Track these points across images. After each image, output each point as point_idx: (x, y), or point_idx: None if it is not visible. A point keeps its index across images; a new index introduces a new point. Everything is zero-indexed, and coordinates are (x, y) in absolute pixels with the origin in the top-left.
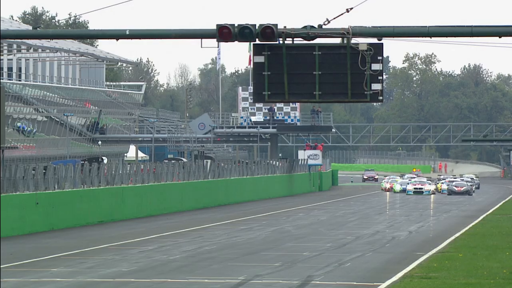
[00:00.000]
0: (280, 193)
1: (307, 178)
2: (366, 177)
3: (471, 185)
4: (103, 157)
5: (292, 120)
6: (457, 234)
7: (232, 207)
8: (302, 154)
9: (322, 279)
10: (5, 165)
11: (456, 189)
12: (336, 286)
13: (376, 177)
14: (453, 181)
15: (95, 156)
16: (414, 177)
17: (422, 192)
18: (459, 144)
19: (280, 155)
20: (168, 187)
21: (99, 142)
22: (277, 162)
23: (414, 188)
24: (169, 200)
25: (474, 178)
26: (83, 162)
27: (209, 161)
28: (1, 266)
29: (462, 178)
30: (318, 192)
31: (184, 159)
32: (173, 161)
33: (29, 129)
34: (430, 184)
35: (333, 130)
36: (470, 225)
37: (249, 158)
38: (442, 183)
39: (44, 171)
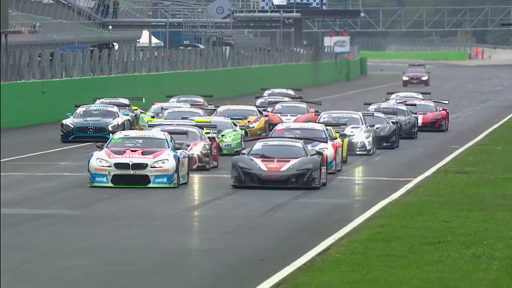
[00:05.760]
0: (305, 83)
1: (333, 67)
2: (407, 78)
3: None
4: (114, 43)
5: (317, 4)
6: (495, 126)
7: (253, 97)
8: (328, 41)
9: (349, 174)
10: (8, 51)
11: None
12: (365, 181)
13: (424, 77)
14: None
15: (105, 42)
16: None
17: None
18: (497, 29)
19: (304, 42)
20: (184, 75)
21: (110, 27)
22: (302, 50)
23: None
24: (185, 90)
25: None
26: (92, 48)
27: (228, 48)
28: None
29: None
30: (346, 81)
31: (201, 46)
32: (189, 48)
33: None
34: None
35: (362, 14)
36: (510, 116)
37: (272, 45)
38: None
39: (50, 57)
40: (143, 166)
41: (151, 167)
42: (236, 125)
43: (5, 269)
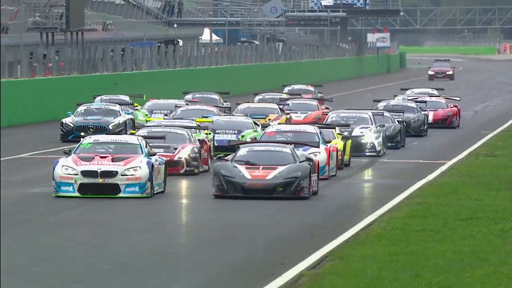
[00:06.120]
0: (349, 75)
1: (375, 60)
2: (432, 73)
3: None
4: (179, 40)
5: (361, 4)
6: None
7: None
8: (370, 37)
9: (390, 157)
10: (84, 47)
11: None
12: (404, 164)
13: (449, 72)
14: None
15: (170, 39)
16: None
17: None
18: None
19: (349, 38)
20: (241, 69)
21: (175, 25)
22: (347, 45)
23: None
24: (242, 82)
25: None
26: (159, 44)
27: (280, 44)
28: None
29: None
30: (386, 73)
31: (257, 42)
32: (246, 44)
33: None
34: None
35: (401, 13)
36: None
37: (320, 41)
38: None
39: (122, 53)
40: (112, 174)
41: (122, 175)
42: (258, 125)
43: (80, 242)
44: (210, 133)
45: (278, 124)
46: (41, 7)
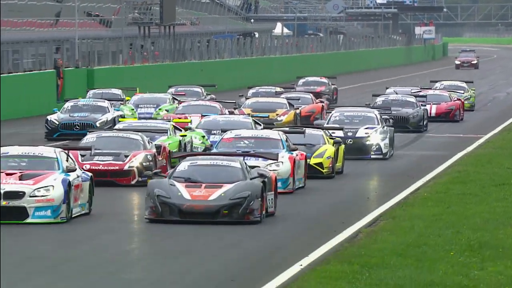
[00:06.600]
0: (399, 62)
1: (422, 50)
2: (459, 62)
3: None
4: (255, 32)
5: (410, 2)
6: None
7: (360, 74)
8: (418, 30)
9: (434, 132)
10: (175, 39)
11: None
12: (446, 138)
13: (474, 61)
14: None
15: (248, 32)
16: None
17: None
18: None
19: (400, 31)
20: (307, 57)
21: (252, 20)
22: (398, 37)
23: None
24: (308, 69)
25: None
26: (238, 36)
27: (341, 36)
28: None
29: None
30: (432, 61)
31: (321, 34)
32: (312, 36)
33: None
34: None
35: (445, 9)
36: None
37: (375, 34)
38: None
39: (207, 43)
40: (19, 195)
41: (30, 197)
42: (260, 125)
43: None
44: (185, 135)
45: (286, 120)
46: (139, 5)
